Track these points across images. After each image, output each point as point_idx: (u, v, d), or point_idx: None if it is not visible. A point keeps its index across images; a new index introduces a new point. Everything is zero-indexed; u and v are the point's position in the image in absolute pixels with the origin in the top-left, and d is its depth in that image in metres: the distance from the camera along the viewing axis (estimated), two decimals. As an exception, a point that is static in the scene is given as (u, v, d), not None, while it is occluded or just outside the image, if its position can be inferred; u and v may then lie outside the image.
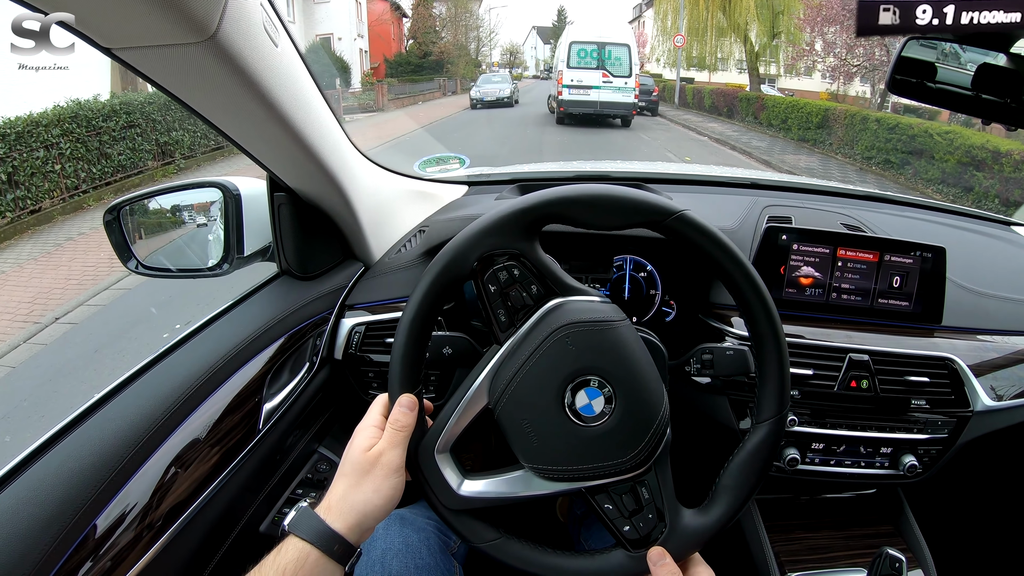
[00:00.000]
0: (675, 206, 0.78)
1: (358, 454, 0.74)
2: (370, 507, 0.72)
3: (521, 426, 0.75)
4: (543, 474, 0.76)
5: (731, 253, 0.78)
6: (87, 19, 0.61)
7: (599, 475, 0.75)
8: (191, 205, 1.19)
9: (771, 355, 0.79)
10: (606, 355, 0.75)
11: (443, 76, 37.09)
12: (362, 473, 0.73)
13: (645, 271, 1.33)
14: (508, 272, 0.78)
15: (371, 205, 1.21)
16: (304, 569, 0.67)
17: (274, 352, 1.06)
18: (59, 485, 0.73)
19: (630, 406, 0.75)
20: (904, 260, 1.20)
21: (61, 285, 5.91)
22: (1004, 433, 1.19)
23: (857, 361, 1.13)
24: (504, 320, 0.79)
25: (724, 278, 0.80)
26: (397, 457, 0.74)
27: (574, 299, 0.78)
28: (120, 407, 0.84)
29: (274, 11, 0.81)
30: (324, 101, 1.00)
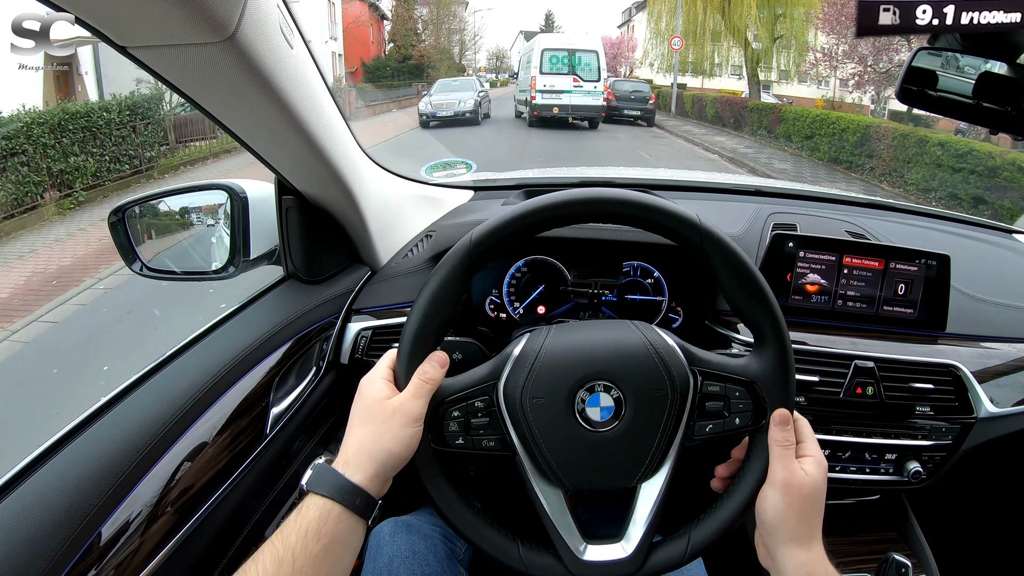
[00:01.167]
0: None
1: (373, 403, 0.73)
2: (389, 456, 0.71)
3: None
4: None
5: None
6: (105, 17, 0.61)
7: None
8: (197, 207, 1.19)
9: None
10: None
11: (423, 81, 33.97)
12: (379, 422, 0.72)
13: (652, 277, 1.34)
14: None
15: (379, 209, 1.21)
16: (327, 526, 0.66)
17: (281, 356, 1.05)
18: (66, 490, 0.72)
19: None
20: (909, 268, 1.21)
21: None
22: (1007, 439, 1.20)
23: (862, 368, 1.14)
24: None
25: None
26: (419, 407, 0.73)
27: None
28: (127, 411, 0.84)
29: (289, 13, 0.81)
30: (335, 105, 1.00)
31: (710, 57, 26.72)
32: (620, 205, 0.77)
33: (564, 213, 0.77)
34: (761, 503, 0.75)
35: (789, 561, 0.72)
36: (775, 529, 0.74)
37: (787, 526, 0.73)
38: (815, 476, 0.74)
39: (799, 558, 0.72)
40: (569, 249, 1.32)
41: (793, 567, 0.72)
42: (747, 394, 0.77)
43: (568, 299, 1.34)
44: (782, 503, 0.73)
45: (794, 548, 0.72)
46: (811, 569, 0.71)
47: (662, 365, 0.75)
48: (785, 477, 0.74)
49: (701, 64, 27.41)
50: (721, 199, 1.60)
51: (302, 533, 0.65)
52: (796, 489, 0.73)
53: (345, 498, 0.68)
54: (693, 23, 25.12)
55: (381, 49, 38.98)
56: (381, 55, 37.84)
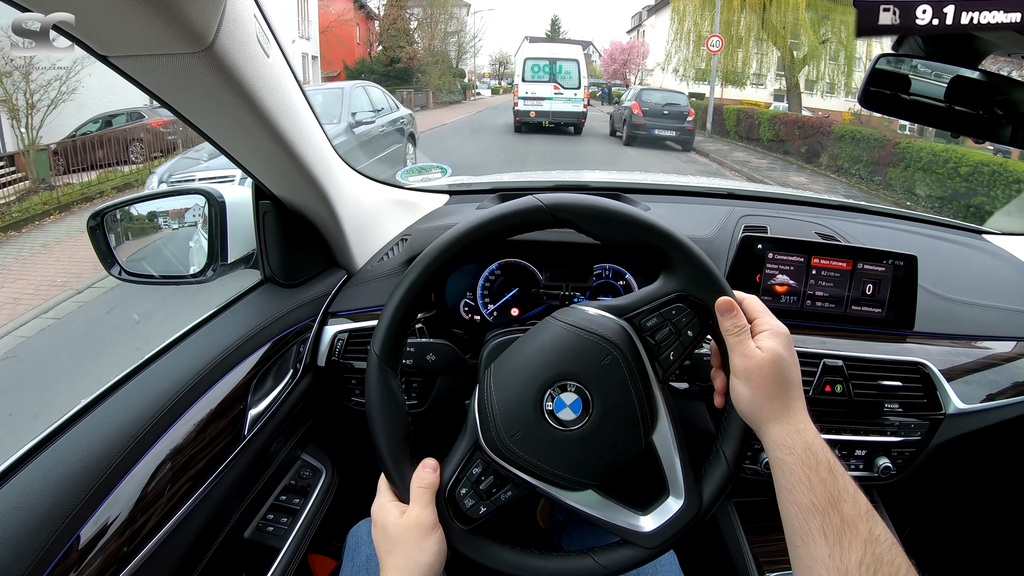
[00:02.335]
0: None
1: (391, 528, 0.76)
2: (427, 569, 0.74)
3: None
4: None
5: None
6: (86, 26, 0.62)
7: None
8: (175, 212, 1.20)
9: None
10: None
11: (410, 87, 31.57)
12: (403, 542, 0.74)
13: (624, 279, 1.35)
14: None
15: (354, 214, 1.22)
16: None
17: (258, 359, 1.06)
18: (48, 491, 0.72)
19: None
20: (877, 268, 1.23)
21: None
22: (976, 435, 1.22)
23: (831, 367, 1.16)
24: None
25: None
26: (429, 514, 0.76)
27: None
28: (107, 413, 0.84)
29: (266, 22, 0.82)
30: (311, 111, 1.02)
31: (744, 63, 23.60)
32: (471, 233, 0.80)
33: (429, 273, 0.80)
34: (733, 395, 0.76)
35: (769, 440, 0.73)
36: (751, 415, 0.75)
37: (760, 409, 0.74)
38: (774, 349, 0.74)
39: (776, 433, 0.72)
40: (541, 252, 1.33)
41: (773, 443, 0.72)
42: (684, 307, 0.79)
43: (541, 301, 1.36)
44: (748, 390, 0.74)
45: (771, 425, 0.73)
46: (788, 442, 0.71)
47: (595, 336, 0.77)
48: (744, 364, 0.74)
49: (734, 71, 24.05)
50: (694, 202, 1.62)
51: None
52: (757, 371, 0.73)
53: None
54: (723, 23, 22.16)
55: (369, 51, 36.33)
56: (367, 57, 35.14)
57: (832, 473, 0.68)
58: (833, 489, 0.67)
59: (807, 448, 0.70)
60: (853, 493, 0.68)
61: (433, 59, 36.10)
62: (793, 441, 0.70)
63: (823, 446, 0.71)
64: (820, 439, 0.71)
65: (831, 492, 0.67)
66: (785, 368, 0.74)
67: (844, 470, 0.70)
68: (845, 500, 0.67)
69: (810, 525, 0.66)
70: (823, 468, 0.68)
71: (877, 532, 0.65)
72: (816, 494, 0.67)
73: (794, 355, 0.76)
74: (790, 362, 0.75)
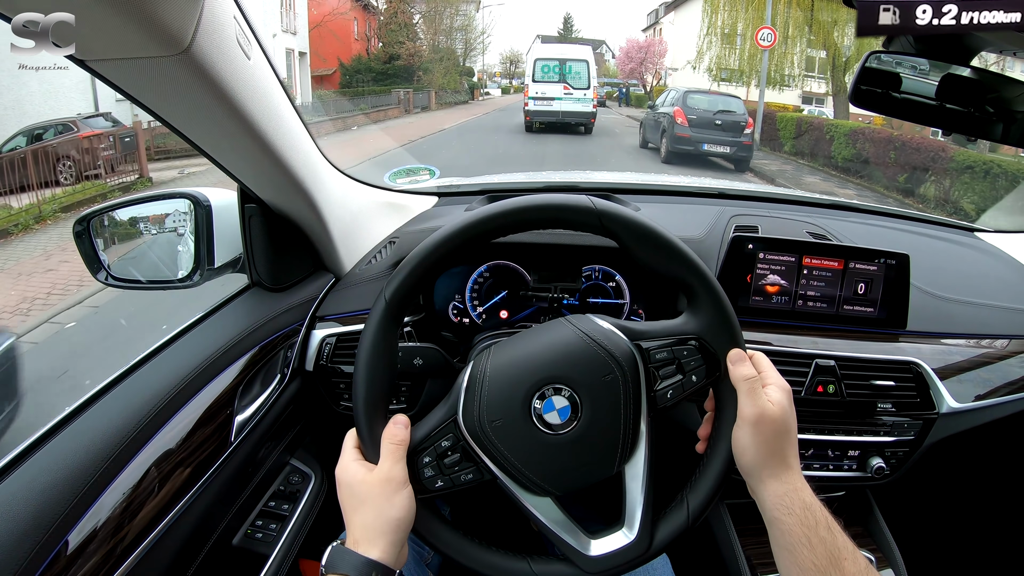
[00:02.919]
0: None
1: (358, 485, 0.75)
2: (395, 524, 0.73)
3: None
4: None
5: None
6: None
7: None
8: (161, 216, 1.19)
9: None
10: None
11: (410, 87, 28.50)
12: (372, 498, 0.74)
13: (613, 281, 1.35)
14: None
15: (342, 216, 1.22)
16: None
17: (245, 364, 1.05)
18: (32, 500, 0.72)
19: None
20: (868, 267, 1.23)
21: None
22: (969, 434, 1.22)
23: (823, 367, 1.15)
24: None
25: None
26: (400, 471, 0.76)
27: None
28: (92, 420, 0.84)
29: (247, 24, 0.82)
30: (296, 113, 1.01)
31: (784, 63, 20.70)
32: (518, 212, 0.79)
33: (467, 237, 0.79)
34: (736, 444, 0.76)
35: (767, 497, 0.73)
36: (753, 468, 0.75)
37: (763, 462, 0.74)
38: (781, 402, 0.75)
39: (776, 492, 0.72)
40: (530, 254, 1.33)
41: (771, 503, 0.73)
42: (696, 350, 0.78)
43: (530, 303, 1.35)
44: (755, 440, 0.74)
45: (771, 483, 0.73)
46: (787, 502, 0.71)
47: (602, 350, 0.76)
48: (755, 412, 0.74)
49: (777, 71, 20.78)
50: (685, 202, 1.62)
51: None
52: (767, 421, 0.74)
53: (361, 573, 0.70)
54: (760, 20, 18.93)
55: (368, 47, 32.46)
56: (364, 54, 31.38)
57: (831, 532, 0.69)
58: (833, 548, 0.68)
59: (805, 508, 0.71)
60: (852, 551, 0.69)
61: (437, 56, 33.55)
62: (791, 501, 0.71)
63: (820, 505, 0.72)
64: (815, 497, 0.72)
65: (831, 552, 0.68)
66: (789, 424, 0.75)
67: (840, 529, 0.71)
68: (845, 558, 0.68)
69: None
70: (822, 528, 0.69)
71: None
72: (817, 554, 0.68)
73: (793, 415, 0.76)
74: (791, 419, 0.75)
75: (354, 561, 0.71)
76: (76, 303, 5.47)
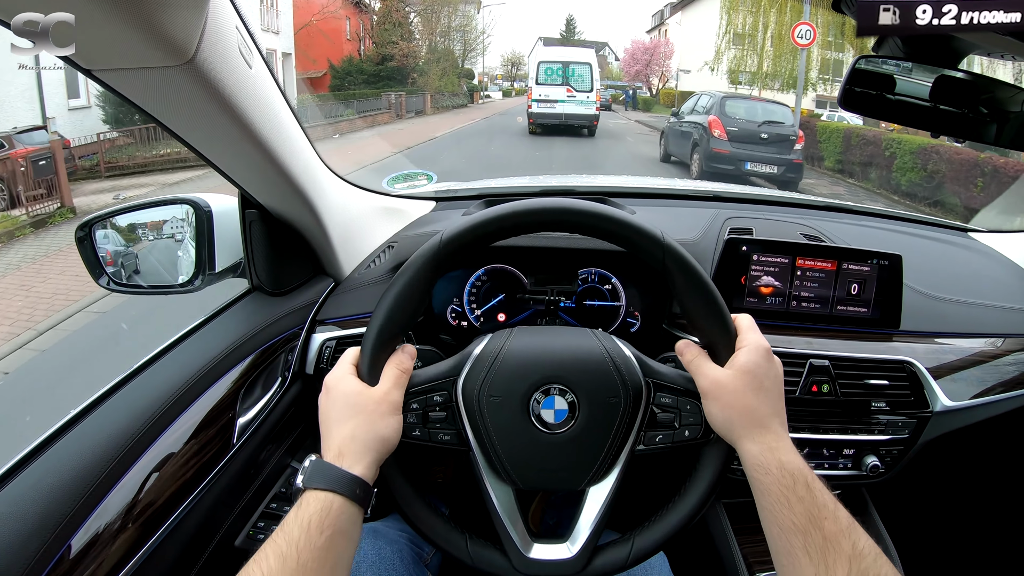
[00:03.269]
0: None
1: (354, 396, 0.75)
2: (383, 443, 0.73)
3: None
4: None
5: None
6: None
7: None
8: (162, 221, 1.20)
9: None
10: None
11: (404, 90, 26.45)
12: (368, 412, 0.74)
13: (609, 283, 1.36)
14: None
15: (341, 221, 1.23)
16: (329, 518, 0.67)
17: (246, 367, 1.06)
18: (39, 501, 0.73)
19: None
20: (861, 268, 1.24)
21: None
22: (963, 432, 1.23)
23: (817, 367, 1.16)
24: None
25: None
26: (399, 396, 0.76)
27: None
28: (97, 422, 0.85)
29: (248, 34, 0.83)
30: (296, 120, 1.02)
31: (812, 63, 18.85)
32: (590, 217, 0.80)
33: (534, 220, 0.80)
34: (707, 417, 0.77)
35: (744, 458, 0.73)
36: (725, 434, 0.76)
37: (733, 425, 0.74)
38: (744, 363, 0.75)
39: (751, 452, 0.72)
40: (527, 257, 1.34)
41: (748, 463, 0.73)
42: (698, 408, 0.79)
43: (527, 306, 1.36)
44: (718, 406, 0.75)
45: (746, 443, 0.73)
46: (762, 461, 0.71)
47: (617, 373, 0.78)
48: (705, 383, 0.76)
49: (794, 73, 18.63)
50: (679, 205, 1.63)
51: (304, 527, 0.65)
52: (724, 388, 0.74)
53: (345, 488, 0.69)
54: (780, 24, 18.13)
55: (361, 48, 29.91)
56: (356, 55, 28.88)
57: (810, 490, 0.69)
58: (812, 507, 0.67)
59: (782, 467, 0.70)
60: (833, 509, 0.68)
61: (434, 57, 31.49)
62: (767, 460, 0.71)
63: (799, 463, 0.71)
64: (796, 455, 0.72)
65: (810, 510, 0.67)
66: (755, 382, 0.74)
67: (822, 485, 0.70)
68: (826, 517, 0.67)
69: (793, 545, 0.67)
70: (800, 486, 0.69)
71: (861, 546, 0.65)
72: (795, 513, 0.67)
73: (773, 370, 0.76)
74: (762, 376, 0.75)
75: (338, 476, 0.69)
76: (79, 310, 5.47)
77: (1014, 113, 0.89)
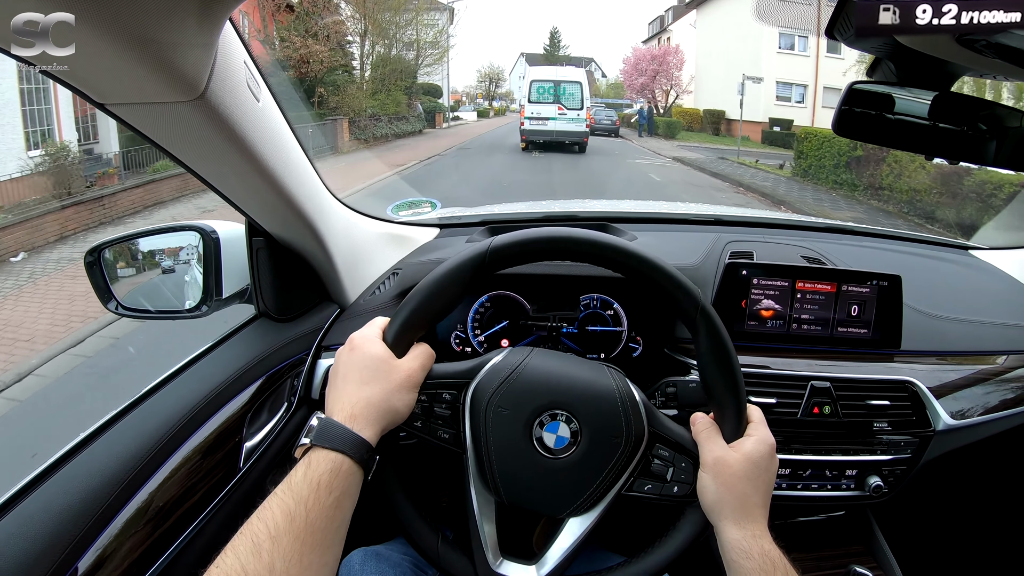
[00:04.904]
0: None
1: (379, 362, 0.75)
2: (395, 415, 0.74)
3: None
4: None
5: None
6: (83, 76, 0.65)
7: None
8: (170, 248, 1.22)
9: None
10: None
11: (308, 112, 18.03)
12: (388, 382, 0.74)
13: (611, 309, 1.37)
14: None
15: (346, 248, 1.24)
16: (339, 479, 0.67)
17: (253, 392, 1.07)
18: (48, 522, 0.74)
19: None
20: (861, 289, 1.25)
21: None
22: (966, 450, 1.24)
23: (819, 388, 1.17)
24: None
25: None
26: (421, 376, 0.78)
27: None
28: (105, 446, 0.86)
29: (256, 68, 0.85)
30: (302, 149, 1.04)
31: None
32: (636, 260, 0.82)
33: (581, 250, 0.82)
34: (699, 488, 0.79)
35: (726, 539, 0.75)
36: (711, 510, 0.77)
37: (723, 506, 0.76)
38: (750, 452, 0.77)
39: (733, 536, 0.74)
40: (529, 284, 1.36)
41: (728, 545, 0.75)
42: (692, 468, 0.81)
43: (530, 332, 1.38)
44: (714, 483, 0.77)
45: (730, 526, 0.75)
46: (745, 547, 0.73)
47: (624, 415, 0.80)
48: (711, 458, 0.78)
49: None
50: (681, 229, 1.64)
51: (314, 486, 0.66)
52: (727, 468, 0.76)
53: (355, 452, 0.69)
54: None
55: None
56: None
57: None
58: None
59: (764, 554, 0.73)
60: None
61: (371, 64, 23.33)
62: (750, 546, 0.73)
63: (779, 554, 0.74)
64: (774, 546, 0.74)
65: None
66: (756, 475, 0.77)
67: (797, 575, 0.73)
68: None
69: None
70: (780, 573, 0.71)
71: None
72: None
73: (773, 466, 0.79)
74: (762, 469, 0.78)
75: (351, 437, 0.69)
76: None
77: (1012, 130, 0.90)
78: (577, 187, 13.57)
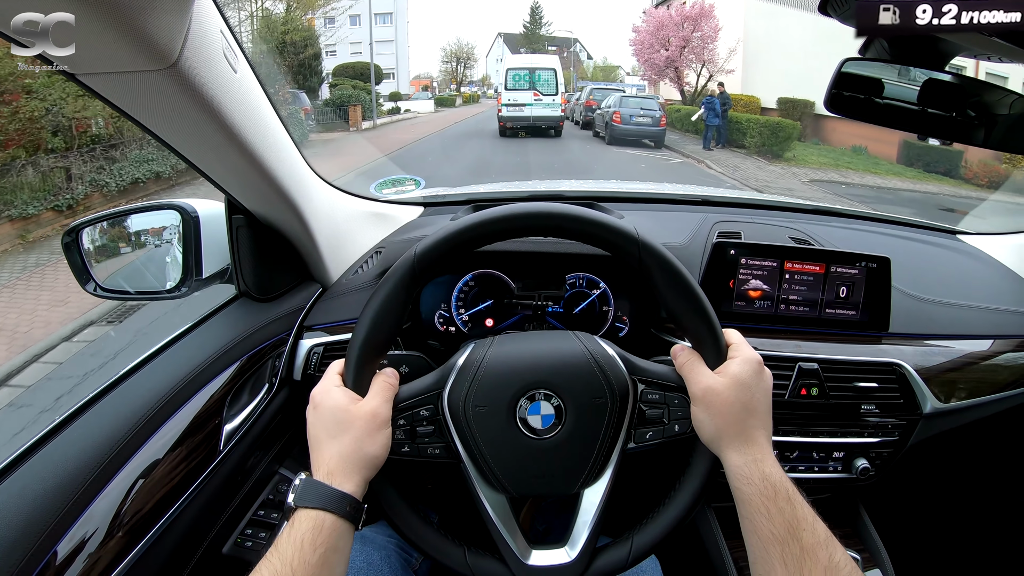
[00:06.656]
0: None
1: (340, 412, 0.75)
2: (372, 460, 0.74)
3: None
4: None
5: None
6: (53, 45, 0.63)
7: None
8: (149, 227, 1.19)
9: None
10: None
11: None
12: (355, 429, 0.74)
13: (598, 288, 1.36)
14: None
15: (328, 227, 1.22)
16: (322, 536, 0.67)
17: (233, 373, 1.06)
18: (23, 508, 0.73)
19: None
20: (850, 271, 1.25)
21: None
22: (953, 433, 1.24)
23: (806, 370, 1.17)
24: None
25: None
26: (387, 411, 0.76)
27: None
28: (82, 429, 0.85)
29: (233, 38, 0.83)
30: (282, 125, 1.02)
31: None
32: (561, 219, 0.79)
33: (505, 227, 0.79)
34: (694, 423, 0.78)
35: (728, 468, 0.74)
36: (711, 441, 0.76)
37: (721, 435, 0.75)
38: (736, 374, 0.75)
39: (734, 463, 0.73)
40: (515, 262, 1.34)
41: (731, 473, 0.73)
42: (686, 401, 0.79)
43: (515, 311, 1.36)
44: (708, 414, 0.75)
45: (731, 453, 0.74)
46: (746, 472, 0.72)
47: (602, 374, 0.78)
48: (698, 389, 0.76)
49: None
50: (668, 209, 1.63)
51: (298, 545, 0.66)
52: (717, 396, 0.75)
53: (336, 506, 0.69)
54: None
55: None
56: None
57: (790, 503, 0.70)
58: (792, 518, 0.68)
59: (764, 478, 0.71)
60: (812, 521, 0.69)
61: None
62: (751, 471, 0.72)
63: (781, 476, 0.72)
64: (778, 468, 0.73)
65: (789, 522, 0.68)
66: (748, 397, 0.75)
67: (802, 499, 0.71)
68: (804, 529, 0.68)
69: (770, 555, 0.68)
70: (781, 498, 0.70)
71: (837, 559, 0.66)
72: (775, 524, 0.68)
73: (763, 384, 0.77)
74: (754, 388, 0.76)
75: (329, 494, 0.70)
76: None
77: (1002, 116, 0.89)
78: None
